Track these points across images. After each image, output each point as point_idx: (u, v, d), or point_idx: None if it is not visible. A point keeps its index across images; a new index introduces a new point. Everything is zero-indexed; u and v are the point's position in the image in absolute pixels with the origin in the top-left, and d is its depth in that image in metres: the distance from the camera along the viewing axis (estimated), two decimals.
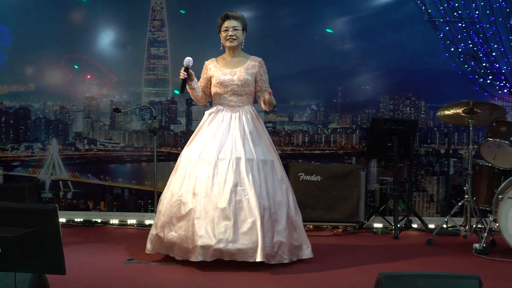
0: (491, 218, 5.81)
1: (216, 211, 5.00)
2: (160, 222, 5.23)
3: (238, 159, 5.16)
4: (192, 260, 4.96)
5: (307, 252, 5.30)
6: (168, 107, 7.51)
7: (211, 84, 5.48)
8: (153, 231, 5.30)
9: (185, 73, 5.21)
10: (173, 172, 5.45)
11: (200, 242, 4.92)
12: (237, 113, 5.37)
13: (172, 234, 5.12)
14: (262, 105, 5.40)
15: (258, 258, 4.90)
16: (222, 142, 5.24)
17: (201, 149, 5.26)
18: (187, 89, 5.40)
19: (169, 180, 5.45)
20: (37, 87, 7.51)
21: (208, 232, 4.95)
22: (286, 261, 5.13)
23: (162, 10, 7.40)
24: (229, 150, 5.20)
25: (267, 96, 5.27)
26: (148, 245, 5.31)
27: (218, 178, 5.10)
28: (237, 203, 5.03)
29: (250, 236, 4.95)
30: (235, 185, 5.07)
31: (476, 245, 5.70)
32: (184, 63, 5.21)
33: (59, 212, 2.90)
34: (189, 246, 4.99)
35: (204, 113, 5.59)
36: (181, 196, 5.15)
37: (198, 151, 5.26)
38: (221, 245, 4.91)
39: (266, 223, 5.02)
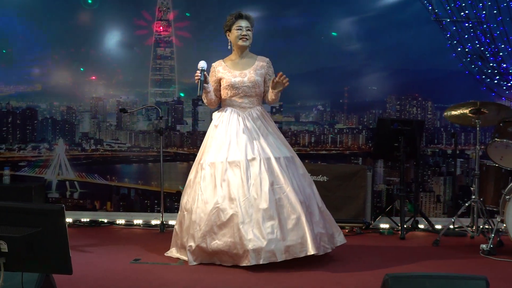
0: (498, 219, 5.79)
1: (259, 213, 4.99)
2: (199, 233, 5.11)
3: (267, 159, 5.19)
4: (244, 265, 4.94)
5: (340, 239, 5.43)
6: (175, 107, 7.51)
7: (220, 86, 5.49)
8: (191, 243, 5.17)
9: (200, 75, 5.19)
10: (193, 179, 5.38)
11: (250, 245, 4.91)
12: (250, 114, 5.38)
13: (217, 243, 5.05)
14: (269, 95, 5.41)
15: (311, 251, 4.96)
16: (247, 143, 5.24)
17: (226, 153, 5.23)
18: (202, 93, 5.38)
19: (191, 187, 5.38)
20: (44, 87, 7.53)
21: (257, 235, 4.95)
22: (329, 250, 5.27)
23: (169, 11, 7.40)
24: (256, 150, 5.21)
25: (279, 79, 5.22)
26: (190, 257, 5.16)
27: (253, 179, 5.10)
28: (278, 201, 5.06)
29: (297, 231, 5.00)
30: (272, 184, 5.09)
31: (483, 246, 5.68)
32: (199, 66, 5.22)
33: (65, 212, 2.91)
34: (239, 251, 4.96)
35: (210, 113, 5.60)
36: (217, 204, 5.09)
37: (223, 156, 5.23)
38: (272, 246, 4.92)
39: (306, 216, 5.07)
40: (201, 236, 5.11)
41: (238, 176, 5.12)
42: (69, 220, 6.96)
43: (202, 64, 5.24)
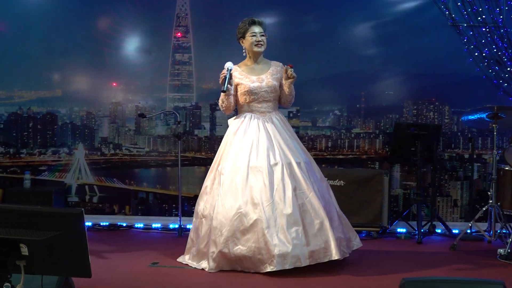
0: None
1: (283, 218, 4.98)
2: (221, 238, 5.03)
3: (289, 164, 5.20)
4: (268, 270, 4.91)
5: (356, 242, 5.48)
6: (192, 112, 7.57)
7: (237, 92, 5.49)
8: (213, 249, 5.09)
9: (227, 72, 5.19)
10: (211, 185, 5.34)
11: (276, 250, 4.89)
12: (269, 119, 5.40)
13: (240, 248, 5.00)
14: (284, 88, 5.41)
15: (334, 256, 4.99)
16: (269, 148, 5.23)
17: (248, 158, 5.20)
18: (223, 96, 5.36)
19: (207, 194, 5.34)
20: (64, 93, 7.62)
21: (282, 240, 4.94)
22: (347, 255, 5.28)
23: (187, 17, 7.47)
24: (278, 156, 5.20)
25: (288, 69, 5.27)
26: (211, 264, 5.08)
27: (276, 185, 5.09)
28: (301, 206, 5.07)
29: (320, 236, 5.02)
30: (294, 189, 5.10)
31: (501, 251, 5.66)
32: (226, 65, 5.25)
33: (85, 216, 2.95)
34: (264, 257, 4.94)
35: (228, 118, 5.64)
36: (240, 209, 5.04)
37: (244, 161, 5.20)
38: (297, 251, 4.93)
39: (329, 222, 5.10)
40: (223, 242, 5.03)
41: (261, 181, 5.10)
42: (88, 223, 7.03)
43: (229, 64, 5.29)
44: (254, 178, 5.13)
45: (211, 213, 5.19)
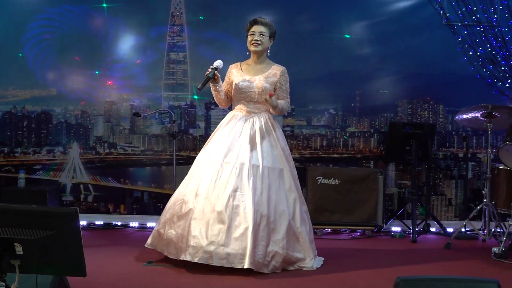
0: (510, 222, 5.79)
1: (212, 214, 5.06)
2: (163, 219, 5.36)
3: (242, 165, 5.18)
4: (181, 259, 5.06)
5: (308, 266, 5.18)
6: (187, 111, 7.56)
7: (232, 88, 5.51)
8: (156, 227, 5.45)
9: (211, 71, 5.24)
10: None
11: (192, 242, 5.01)
12: (251, 120, 5.39)
13: (171, 232, 5.22)
14: (271, 109, 5.39)
15: (246, 265, 4.88)
16: (230, 146, 5.29)
17: (211, 152, 5.35)
18: (212, 90, 5.48)
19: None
20: (58, 91, 7.60)
21: (202, 233, 5.02)
22: (278, 271, 5.06)
23: (182, 16, 7.46)
24: (235, 154, 5.23)
25: (267, 98, 5.20)
26: (149, 240, 5.47)
27: (221, 181, 5.16)
28: (234, 208, 5.05)
29: (241, 241, 4.94)
30: (235, 190, 5.10)
31: (495, 249, 5.68)
32: (214, 64, 5.29)
33: (80, 215, 2.94)
34: (183, 245, 5.07)
35: (223, 117, 5.67)
36: (184, 196, 5.25)
37: (208, 154, 5.36)
38: (211, 248, 4.95)
39: (262, 231, 5.00)
40: (163, 222, 5.34)
41: (210, 175, 5.21)
42: (83, 223, 7.02)
43: (218, 63, 5.32)
44: (206, 171, 5.27)
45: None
